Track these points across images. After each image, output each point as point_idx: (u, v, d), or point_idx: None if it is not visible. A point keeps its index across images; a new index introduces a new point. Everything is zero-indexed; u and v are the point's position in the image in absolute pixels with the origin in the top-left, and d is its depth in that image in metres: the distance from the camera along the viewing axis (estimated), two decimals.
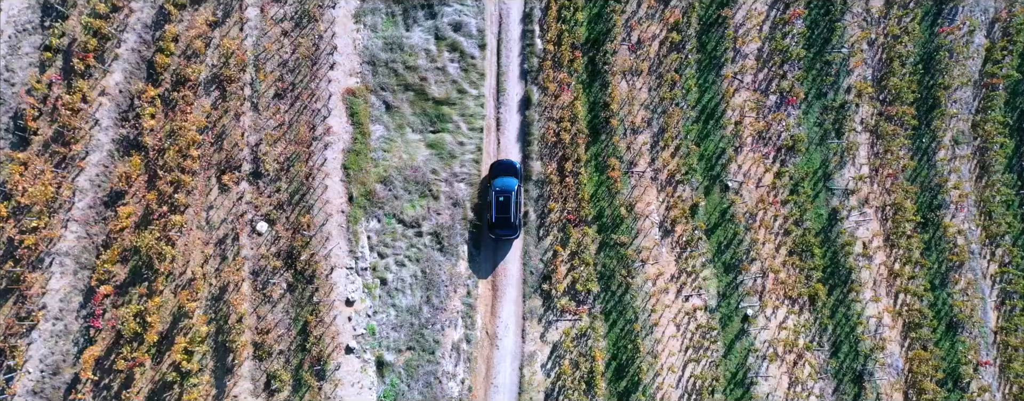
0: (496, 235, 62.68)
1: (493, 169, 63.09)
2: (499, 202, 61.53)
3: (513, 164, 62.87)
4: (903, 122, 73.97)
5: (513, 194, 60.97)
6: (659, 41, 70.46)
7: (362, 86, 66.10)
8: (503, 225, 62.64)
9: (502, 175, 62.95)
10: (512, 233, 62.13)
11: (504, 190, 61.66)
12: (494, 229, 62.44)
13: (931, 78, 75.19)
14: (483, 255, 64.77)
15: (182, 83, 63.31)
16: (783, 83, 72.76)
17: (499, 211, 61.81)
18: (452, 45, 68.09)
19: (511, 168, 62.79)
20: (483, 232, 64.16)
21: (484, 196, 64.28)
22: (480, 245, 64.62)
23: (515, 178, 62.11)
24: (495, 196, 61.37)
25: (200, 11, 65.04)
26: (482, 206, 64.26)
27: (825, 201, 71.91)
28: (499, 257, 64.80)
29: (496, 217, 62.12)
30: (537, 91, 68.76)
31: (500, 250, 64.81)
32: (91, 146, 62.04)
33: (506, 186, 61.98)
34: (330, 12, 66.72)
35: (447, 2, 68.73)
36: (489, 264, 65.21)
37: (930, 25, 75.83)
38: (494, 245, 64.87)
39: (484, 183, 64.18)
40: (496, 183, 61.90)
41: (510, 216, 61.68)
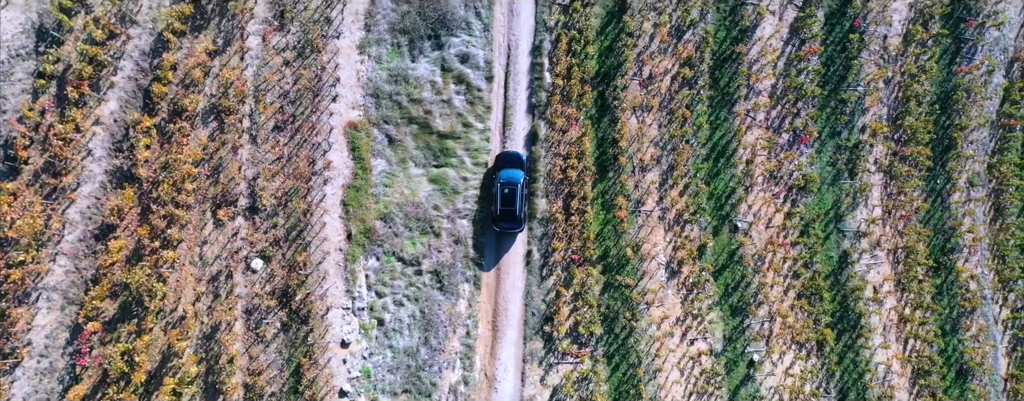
0: (500, 228, 58.77)
1: (499, 160, 59.12)
2: (504, 194, 57.84)
3: (519, 156, 58.89)
4: (917, 163, 68.17)
5: (519, 186, 57.53)
6: (671, 76, 63.37)
7: (364, 119, 59.06)
8: (507, 218, 58.76)
9: (508, 166, 58.85)
10: (516, 226, 58.19)
11: (509, 182, 57.92)
12: (498, 222, 58.57)
13: (947, 118, 69.60)
14: (487, 248, 60.82)
15: (179, 113, 56.45)
16: (796, 121, 67.09)
17: (504, 203, 57.99)
18: (458, 77, 61.14)
19: (517, 160, 58.78)
20: (487, 225, 59.93)
21: (489, 188, 59.99)
22: (483, 238, 60.49)
23: (521, 170, 57.95)
24: (500, 188, 57.76)
25: (200, 39, 57.86)
26: (487, 198, 59.83)
27: (836, 243, 66.72)
28: (502, 251, 60.97)
29: (500, 209, 58.32)
30: (544, 126, 61.92)
31: (504, 243, 60.79)
32: (83, 177, 55.22)
33: (511, 178, 58.01)
34: (334, 42, 59.61)
35: (455, 33, 61.43)
36: (492, 258, 61.44)
37: (948, 64, 69.98)
38: (497, 238, 60.87)
39: (490, 174, 59.82)
40: (501, 175, 58.03)
41: (515, 209, 58.23)
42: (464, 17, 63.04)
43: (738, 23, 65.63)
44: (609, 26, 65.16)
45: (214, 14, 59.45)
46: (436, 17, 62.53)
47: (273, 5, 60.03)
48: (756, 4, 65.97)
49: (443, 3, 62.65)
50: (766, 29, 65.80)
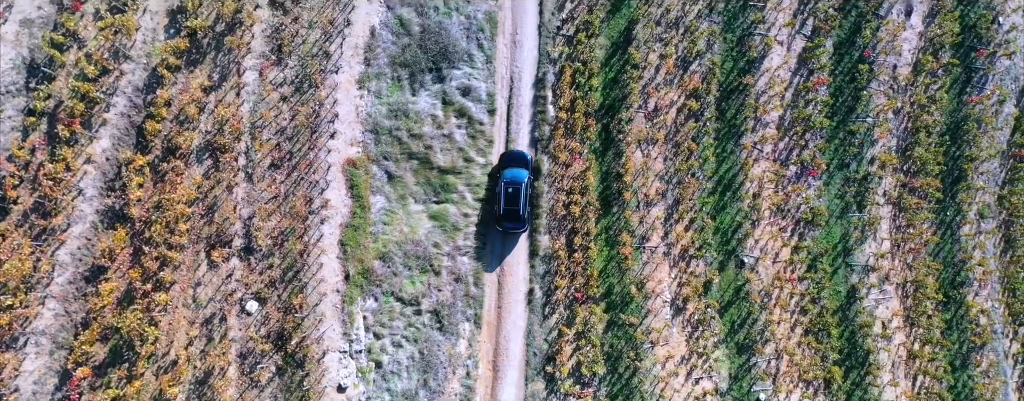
0: (503, 228, 54.18)
1: (503, 159, 54.97)
2: (508, 194, 53.24)
3: (524, 155, 54.78)
4: (927, 195, 63.12)
5: (523, 186, 53.03)
6: (676, 108, 56.69)
7: (363, 156, 52.75)
8: (511, 218, 54.14)
9: (512, 166, 54.55)
10: (520, 226, 53.97)
11: (513, 181, 53.56)
12: (501, 222, 53.97)
13: (957, 149, 64.64)
14: (489, 249, 56.23)
15: (173, 151, 50.45)
16: (804, 153, 61.61)
17: (507, 203, 53.44)
18: (460, 111, 55.23)
19: (522, 159, 54.65)
20: (490, 224, 55.48)
21: (493, 187, 55.26)
22: (486, 237, 56.06)
23: (525, 169, 53.57)
24: (504, 187, 53.31)
25: (195, 74, 51.49)
26: (490, 197, 55.42)
27: (844, 278, 61.82)
28: (506, 251, 56.43)
29: (504, 209, 53.57)
30: (547, 160, 55.67)
31: (507, 244, 56.29)
32: (74, 217, 49.49)
33: (516, 177, 53.64)
34: (333, 77, 53.31)
35: (456, 65, 54.97)
36: (495, 258, 56.91)
37: (958, 93, 65.19)
38: (501, 239, 56.29)
39: (494, 173, 55.49)
40: (505, 174, 53.60)
41: (519, 208, 53.76)
42: (466, 49, 56.48)
43: (745, 54, 59.31)
44: (614, 57, 58.87)
45: (210, 48, 53.03)
46: (437, 50, 55.96)
47: (271, 39, 53.47)
48: (764, 34, 59.12)
49: (445, 35, 55.97)
50: (774, 60, 59.55)
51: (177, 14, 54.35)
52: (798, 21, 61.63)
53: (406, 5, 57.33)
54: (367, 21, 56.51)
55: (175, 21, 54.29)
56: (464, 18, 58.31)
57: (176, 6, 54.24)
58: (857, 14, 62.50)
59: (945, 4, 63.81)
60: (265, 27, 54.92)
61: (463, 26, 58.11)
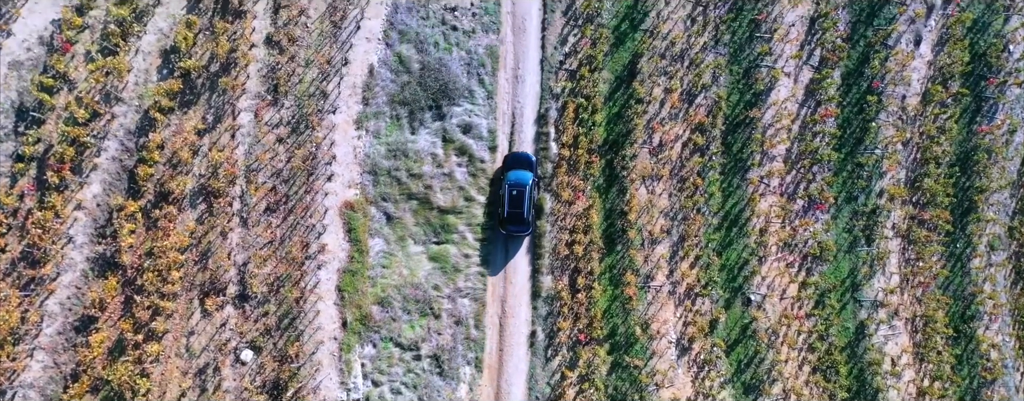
0: (507, 231, 49.75)
1: (507, 161, 50.17)
2: (512, 196, 48.92)
3: (528, 157, 50.18)
4: (937, 227, 57.04)
5: (527, 188, 48.65)
6: (681, 142, 50.23)
7: (362, 198, 46.54)
8: (515, 220, 49.67)
9: (516, 168, 49.83)
10: (524, 229, 49.65)
11: (518, 184, 49.05)
12: (505, 224, 49.46)
13: (967, 180, 58.71)
14: (493, 252, 51.41)
15: (165, 196, 44.51)
16: (812, 187, 55.60)
17: (511, 205, 49.21)
18: (460, 148, 49.02)
19: (526, 161, 50.04)
20: (494, 227, 50.54)
21: (496, 189, 50.65)
22: (490, 240, 51.34)
23: (530, 172, 49.09)
24: (508, 190, 48.87)
25: (189, 115, 45.31)
26: (494, 200, 50.70)
27: (852, 314, 55.85)
28: (509, 255, 51.56)
29: (508, 212, 49.32)
30: (550, 199, 49.40)
31: (511, 247, 51.56)
32: (63, 266, 44.06)
33: (520, 180, 49.15)
34: (330, 118, 47.05)
35: (457, 102, 48.62)
36: (499, 262, 51.92)
37: (968, 123, 59.43)
38: (504, 242, 51.60)
39: (498, 175, 50.76)
40: (510, 176, 49.10)
41: (523, 211, 49.08)
42: (467, 85, 49.93)
43: (751, 86, 53.20)
44: (618, 92, 52.49)
45: (204, 89, 46.75)
46: (437, 87, 49.47)
47: (266, 79, 47.07)
48: (771, 66, 52.12)
49: (445, 72, 49.44)
50: (781, 92, 53.04)
51: (170, 54, 48.04)
52: (805, 52, 54.62)
53: (406, 42, 50.66)
54: (365, 59, 49.92)
55: (168, 61, 47.93)
56: (465, 53, 51.64)
57: (169, 46, 47.86)
58: (865, 44, 55.71)
59: (955, 33, 56.82)
60: (261, 67, 48.48)
61: (464, 62, 51.46)
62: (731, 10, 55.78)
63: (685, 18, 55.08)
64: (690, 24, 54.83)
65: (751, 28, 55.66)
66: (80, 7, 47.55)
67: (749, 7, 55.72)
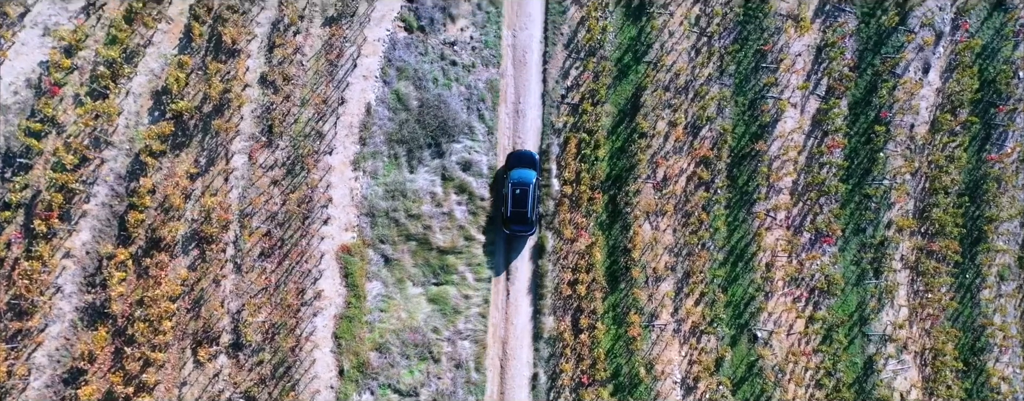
0: (511, 230, 45.10)
1: (510, 160, 45.29)
2: (515, 195, 44.23)
3: (531, 155, 45.23)
4: (946, 257, 51.37)
5: (531, 187, 44.10)
6: (686, 176, 43.94)
7: (359, 241, 40.46)
8: (518, 220, 44.89)
9: (519, 166, 44.94)
10: (528, 229, 44.89)
11: (521, 183, 44.36)
12: (508, 224, 44.75)
13: (977, 209, 53.08)
14: (496, 253, 46.59)
15: (156, 243, 37.76)
16: (819, 219, 49.93)
17: (515, 205, 44.44)
18: (460, 186, 42.88)
19: (529, 159, 45.07)
20: (496, 227, 45.91)
21: (499, 188, 45.66)
22: (493, 241, 46.26)
23: (533, 170, 44.47)
24: (511, 189, 44.09)
25: (181, 158, 39.02)
26: (496, 199, 46.06)
27: (860, 349, 50.32)
28: (512, 255, 46.88)
29: (511, 211, 44.61)
30: (552, 236, 43.88)
31: (514, 247, 46.72)
32: (51, 317, 37.69)
33: (523, 178, 44.44)
34: (326, 159, 40.82)
35: (457, 139, 42.11)
36: (501, 263, 47.11)
37: (977, 151, 53.57)
38: (507, 241, 46.79)
39: (500, 174, 45.67)
40: (512, 175, 44.36)
41: (526, 211, 44.38)
42: (466, 121, 43.44)
43: (757, 118, 47.27)
44: (621, 126, 46.25)
45: (196, 130, 40.52)
46: (436, 124, 43.04)
47: (260, 119, 40.89)
48: (777, 98, 45.03)
49: (444, 109, 43.03)
50: (787, 123, 46.96)
51: (162, 95, 41.38)
52: (812, 82, 47.64)
53: (404, 79, 44.09)
54: (362, 98, 43.37)
55: (160, 103, 41.60)
56: (464, 88, 45.08)
57: (160, 87, 41.48)
58: (873, 73, 49.08)
59: (964, 59, 49.49)
60: (255, 107, 42.16)
61: (463, 97, 44.96)
62: (736, 41, 48.89)
63: (689, 49, 48.16)
64: (694, 55, 47.94)
65: (757, 58, 48.85)
66: (69, 48, 41.19)
67: (754, 37, 48.75)
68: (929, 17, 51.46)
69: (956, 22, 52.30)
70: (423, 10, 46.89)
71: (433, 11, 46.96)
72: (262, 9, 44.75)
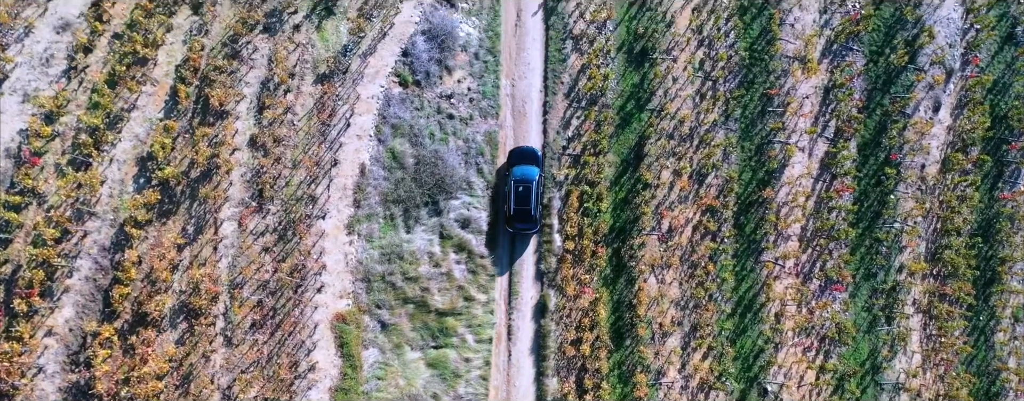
0: (514, 229, 37.88)
1: (512, 156, 38.37)
2: (518, 193, 36.61)
3: (534, 151, 38.22)
4: (959, 300, 43.07)
5: (534, 184, 36.65)
6: (692, 226, 35.86)
7: (354, 308, 32.46)
8: (522, 218, 37.47)
9: (522, 163, 37.80)
10: (531, 227, 37.52)
11: (524, 180, 36.95)
12: (512, 222, 37.53)
13: (990, 249, 44.57)
14: (499, 251, 39.28)
15: (143, 318, 29.32)
16: (828, 266, 42.05)
17: (518, 202, 36.80)
18: (459, 245, 34.91)
19: (532, 155, 38.01)
20: (499, 225, 38.77)
21: (501, 185, 38.42)
22: (496, 239, 38.93)
23: (536, 167, 37.24)
24: (514, 186, 36.75)
25: (168, 226, 30.91)
26: (498, 196, 38.67)
27: (873, 398, 42.33)
28: (516, 254, 39.22)
29: (515, 209, 37.09)
30: (554, 295, 35.70)
31: (518, 245, 39.27)
32: (33, 398, 27.60)
33: (526, 175, 37.05)
34: (319, 224, 32.35)
35: (455, 195, 33.55)
36: (505, 261, 39.44)
37: (990, 189, 45.13)
38: (510, 240, 39.51)
39: (502, 171, 38.52)
40: (515, 172, 37.14)
41: (530, 208, 36.95)
42: (465, 177, 34.79)
43: (764, 164, 38.80)
44: (624, 176, 38.07)
45: (184, 197, 32.41)
46: (433, 181, 34.48)
47: (250, 184, 32.36)
48: (784, 143, 35.72)
49: (441, 165, 34.41)
50: (795, 168, 38.49)
51: (147, 161, 32.44)
52: (820, 124, 38.56)
53: (399, 136, 35.45)
54: (356, 158, 34.81)
55: (145, 169, 33.30)
56: (462, 142, 36.41)
57: (146, 153, 32.41)
58: (882, 113, 40.58)
59: (974, 96, 40.14)
60: (244, 171, 33.34)
61: (461, 151, 36.39)
62: (742, 84, 39.85)
63: (693, 95, 39.03)
64: (699, 101, 38.98)
65: (763, 102, 39.88)
66: (49, 115, 32.25)
67: (760, 80, 39.65)
68: (939, 55, 41.92)
69: (966, 57, 42.85)
70: (418, 64, 37.88)
71: (429, 64, 37.92)
72: (251, 68, 35.90)
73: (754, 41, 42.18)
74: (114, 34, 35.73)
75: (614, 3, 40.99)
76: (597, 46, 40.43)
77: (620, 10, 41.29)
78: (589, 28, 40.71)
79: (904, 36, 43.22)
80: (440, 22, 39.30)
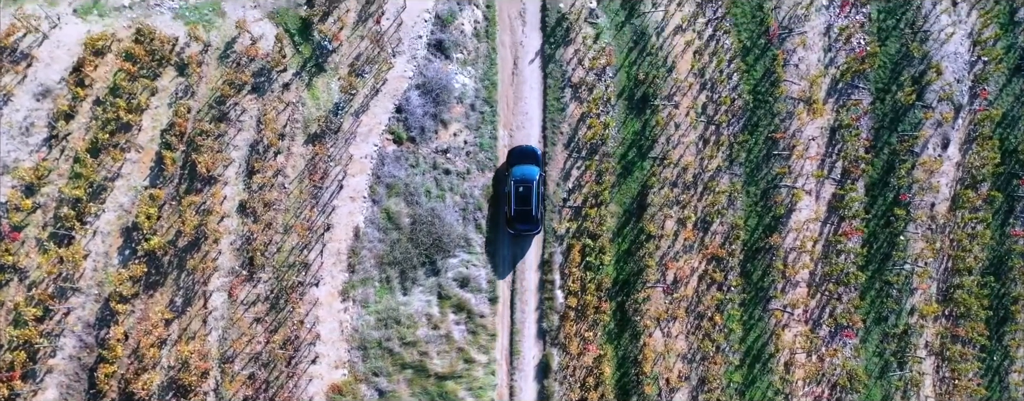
0: (515, 230, 32.04)
1: (511, 156, 32.38)
2: (518, 193, 30.91)
3: (533, 150, 32.26)
4: (972, 340, 36.65)
5: (534, 184, 30.96)
6: (697, 276, 28.32)
7: (350, 378, 26.80)
8: (523, 219, 31.65)
9: (521, 162, 31.83)
10: (533, 228, 31.84)
11: (524, 180, 31.15)
12: (513, 223, 31.76)
13: (1002, 287, 37.88)
14: (500, 254, 33.17)
15: (130, 399, 22.03)
16: (838, 312, 35.38)
17: (518, 203, 31.09)
18: (458, 305, 28.64)
19: (531, 155, 32.07)
20: (500, 227, 32.58)
21: (501, 186, 32.24)
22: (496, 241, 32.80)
23: (536, 166, 31.53)
24: (514, 187, 31.02)
25: (155, 299, 23.99)
26: (498, 197, 32.54)
27: None
28: (518, 256, 33.12)
29: (515, 210, 31.31)
30: (557, 353, 30.38)
31: (519, 247, 33.18)
32: None
33: (526, 175, 31.24)
34: (312, 292, 24.93)
35: (452, 253, 27.11)
36: (507, 264, 33.28)
37: (1000, 226, 38.32)
38: (512, 242, 33.22)
39: (501, 171, 32.37)
40: (515, 172, 31.38)
41: (531, 209, 31.20)
42: (462, 234, 28.58)
43: (771, 209, 31.74)
44: (627, 227, 32.17)
45: (171, 268, 26.60)
46: (430, 241, 28.10)
47: (240, 252, 26.26)
48: (791, 187, 28.17)
49: (438, 224, 28.14)
50: (802, 213, 31.13)
51: (132, 231, 25.71)
52: (827, 165, 31.67)
53: (394, 195, 28.86)
54: (350, 221, 28.16)
55: (130, 240, 27.16)
56: (459, 197, 29.61)
57: (130, 223, 25.55)
58: (890, 152, 33.88)
59: (983, 131, 33.09)
60: (234, 238, 26.24)
61: (459, 207, 29.74)
62: (746, 128, 32.75)
63: (696, 140, 32.06)
64: (702, 146, 32.20)
65: (768, 146, 32.45)
66: (30, 187, 25.50)
67: (765, 123, 32.75)
68: (948, 91, 34.73)
69: (974, 90, 35.35)
70: (413, 119, 31.02)
71: (424, 119, 31.09)
72: (239, 130, 29.20)
73: (758, 83, 34.84)
74: (96, 99, 28.86)
75: (613, 49, 33.80)
76: (597, 94, 33.27)
77: (620, 56, 34.08)
78: (588, 75, 33.55)
79: (911, 73, 35.77)
80: (434, 75, 32.27)
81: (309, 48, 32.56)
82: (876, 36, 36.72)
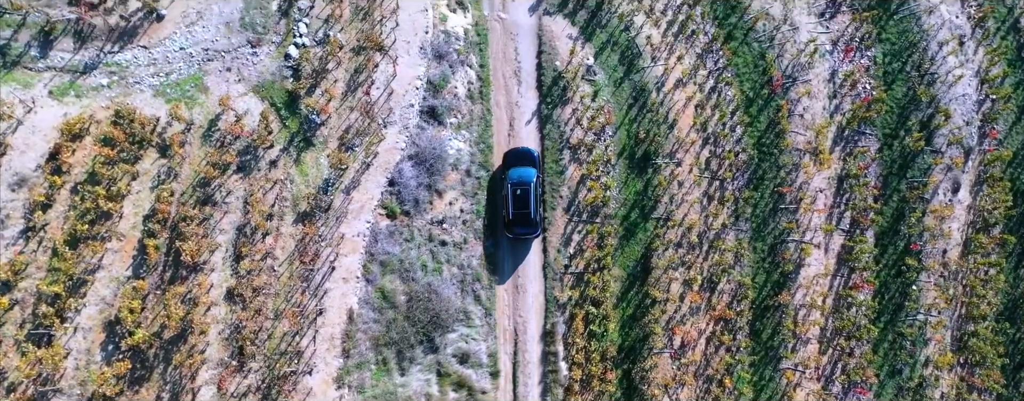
0: (514, 234, 27.60)
1: (507, 158, 27.83)
2: (516, 196, 26.65)
3: (530, 152, 27.81)
4: (988, 388, 30.95)
5: (532, 186, 26.58)
6: (705, 338, 20.99)
7: None
8: (522, 222, 27.17)
9: (518, 165, 27.33)
10: (532, 231, 27.56)
11: (521, 182, 26.75)
12: (511, 227, 27.42)
13: (1018, 332, 32.21)
14: (499, 258, 28.59)
15: None
16: (850, 367, 29.94)
17: (517, 206, 26.78)
18: (458, 382, 23.30)
19: (528, 156, 27.60)
20: (498, 231, 28.15)
21: (498, 189, 27.89)
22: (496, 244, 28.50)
23: (533, 168, 27.11)
24: (511, 190, 26.74)
25: (141, 395, 18.08)
26: (496, 201, 28.04)
27: None
28: (518, 260, 28.69)
29: (513, 213, 26.95)
30: None
31: (519, 251, 28.74)
32: None
33: (524, 177, 26.88)
34: (305, 381, 18.62)
35: (451, 328, 21.30)
36: (507, 267, 28.77)
37: (1014, 268, 32.49)
38: (511, 246, 28.54)
39: (498, 174, 27.94)
40: (512, 174, 27.09)
41: (529, 212, 26.85)
42: (461, 307, 22.77)
43: (779, 266, 25.28)
44: (631, 291, 25.90)
45: (157, 361, 20.31)
46: (428, 318, 22.17)
47: (229, 341, 19.49)
48: (799, 241, 21.91)
49: (436, 300, 22.32)
50: (811, 268, 23.87)
51: (115, 325, 19.98)
52: (835, 215, 25.78)
53: (389, 273, 23.55)
54: (343, 304, 22.68)
55: (113, 335, 21.33)
56: (457, 269, 24.27)
57: (113, 317, 19.78)
58: (899, 199, 28.05)
59: (994, 172, 26.76)
60: (222, 328, 20.33)
61: (457, 280, 24.30)
62: (751, 183, 26.52)
63: (701, 198, 26.35)
64: (706, 203, 26.77)
65: (774, 200, 26.01)
66: (6, 284, 19.99)
67: (770, 176, 27.08)
68: (957, 135, 28.50)
69: (983, 130, 29.02)
70: (406, 192, 25.38)
71: (418, 191, 25.46)
72: (225, 213, 23.69)
73: (762, 135, 28.93)
74: (74, 187, 23.30)
75: (612, 107, 27.93)
76: (596, 155, 27.51)
77: (619, 113, 28.21)
78: (587, 135, 27.55)
79: (919, 117, 29.76)
80: (428, 144, 26.56)
81: (296, 122, 26.87)
82: (882, 80, 30.65)
